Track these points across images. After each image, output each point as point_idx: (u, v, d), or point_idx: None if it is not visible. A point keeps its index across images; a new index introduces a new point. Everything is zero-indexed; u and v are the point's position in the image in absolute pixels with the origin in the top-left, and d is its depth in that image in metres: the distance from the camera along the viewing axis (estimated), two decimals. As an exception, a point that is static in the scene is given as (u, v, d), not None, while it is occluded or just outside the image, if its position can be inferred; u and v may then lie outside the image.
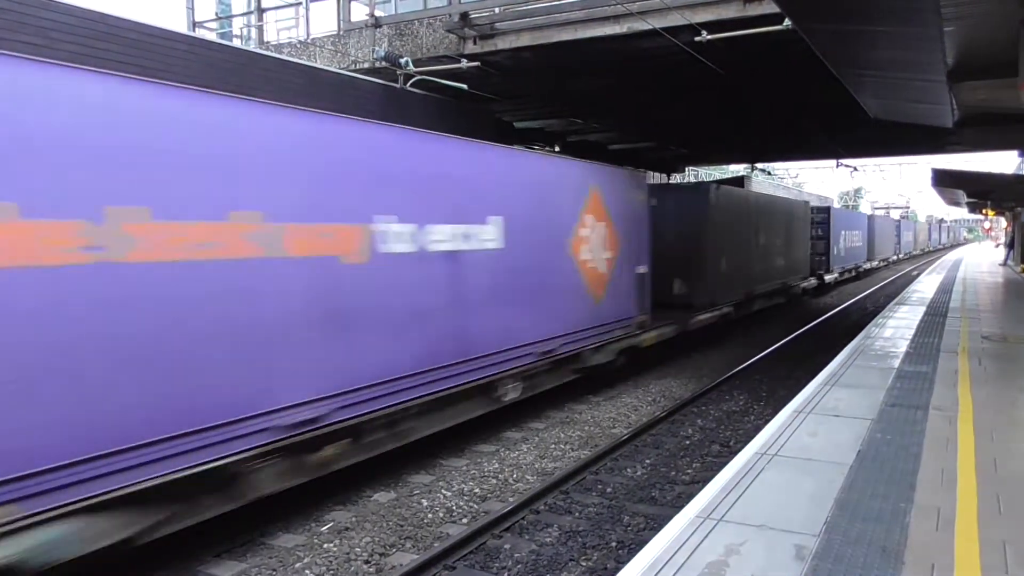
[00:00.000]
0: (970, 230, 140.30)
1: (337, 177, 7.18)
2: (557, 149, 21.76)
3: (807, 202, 29.54)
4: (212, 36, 17.06)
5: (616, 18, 12.14)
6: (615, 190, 12.68)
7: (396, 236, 7.83)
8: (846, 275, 34.78)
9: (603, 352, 12.23)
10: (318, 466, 7.01)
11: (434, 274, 8.45)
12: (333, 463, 7.16)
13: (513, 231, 9.81)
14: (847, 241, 34.77)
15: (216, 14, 19.60)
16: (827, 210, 31.35)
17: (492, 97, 15.81)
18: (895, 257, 56.83)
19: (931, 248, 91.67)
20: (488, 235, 9.41)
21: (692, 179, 40.68)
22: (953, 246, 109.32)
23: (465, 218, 8.96)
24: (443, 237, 8.57)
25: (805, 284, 26.64)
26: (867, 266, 41.80)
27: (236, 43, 16.66)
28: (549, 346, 10.64)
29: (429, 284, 8.35)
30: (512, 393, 10.00)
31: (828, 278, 30.14)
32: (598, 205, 12.06)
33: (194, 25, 17.19)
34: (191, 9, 17.10)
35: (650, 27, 11.58)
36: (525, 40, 13.10)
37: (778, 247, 22.84)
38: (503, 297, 9.65)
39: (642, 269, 13.58)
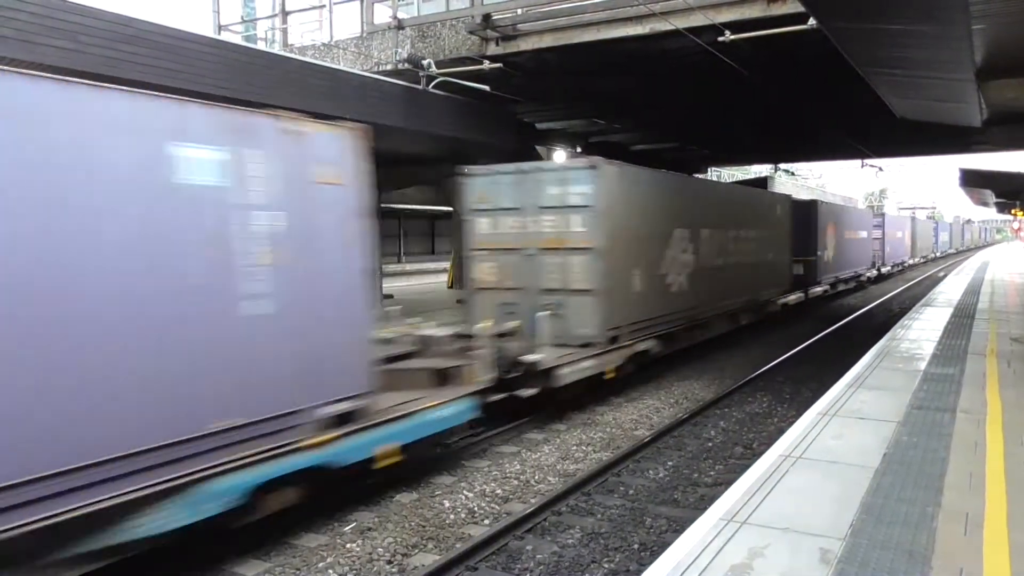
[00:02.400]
0: (999, 231, 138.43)
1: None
2: (579, 150, 21.73)
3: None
4: (237, 39, 17.25)
5: (639, 19, 12.11)
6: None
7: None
8: (895, 268, 42.64)
9: None
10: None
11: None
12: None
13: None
14: (894, 240, 41.99)
15: (241, 17, 19.81)
16: (882, 215, 41.19)
17: (514, 98, 15.83)
18: (934, 255, 63.99)
19: (963, 248, 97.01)
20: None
21: (714, 179, 40.49)
22: (981, 247, 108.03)
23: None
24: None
25: (869, 273, 34.30)
26: (911, 262, 48.63)
27: (261, 46, 16.83)
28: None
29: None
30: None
31: (884, 270, 38.86)
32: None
33: (220, 28, 17.39)
34: (217, 12, 17.31)
35: (673, 27, 11.53)
36: (548, 41, 13.10)
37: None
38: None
39: None
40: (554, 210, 11.53)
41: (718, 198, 17.43)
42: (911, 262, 48.65)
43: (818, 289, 24.83)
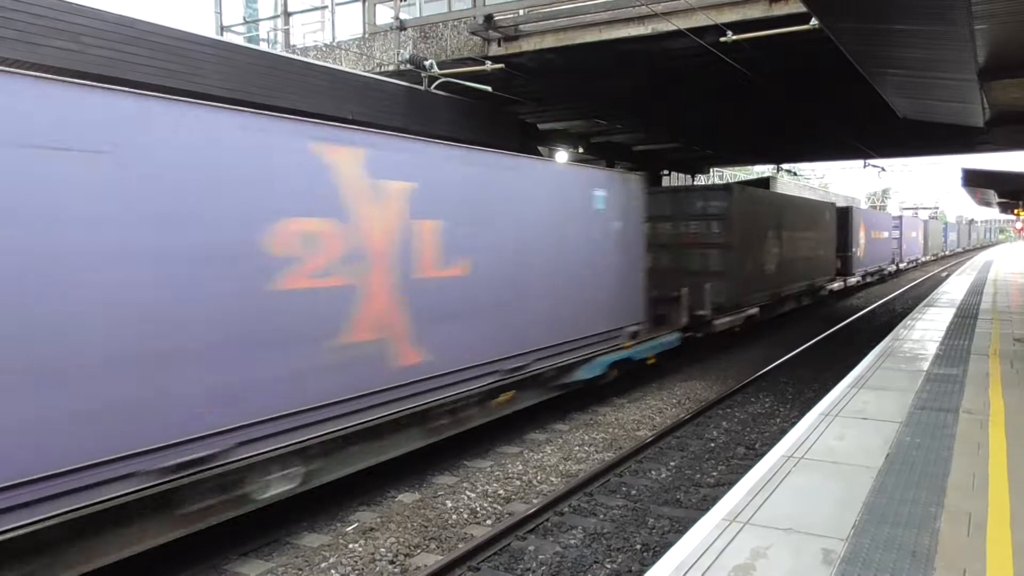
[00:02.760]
0: (1002, 231, 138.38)
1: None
2: (580, 150, 21.73)
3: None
4: (239, 40, 17.26)
5: (641, 19, 12.10)
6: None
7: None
8: (910, 264, 48.61)
9: None
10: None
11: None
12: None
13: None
14: (910, 239, 48.49)
15: (243, 18, 19.83)
16: (900, 217, 46.83)
17: (516, 99, 15.82)
18: (944, 252, 72.35)
19: (969, 247, 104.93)
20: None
21: (717, 180, 40.47)
22: (984, 247, 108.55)
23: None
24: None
25: (890, 268, 39.40)
26: (923, 259, 56.06)
27: (263, 47, 16.83)
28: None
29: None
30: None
31: (902, 266, 44.69)
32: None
33: (222, 29, 17.39)
34: (219, 13, 17.31)
35: (675, 28, 11.51)
36: (549, 42, 13.08)
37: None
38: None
39: None
40: (698, 218, 16.59)
41: (791, 206, 22.42)
42: (924, 259, 56.37)
43: (852, 279, 30.23)
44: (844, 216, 29.05)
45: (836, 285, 27.29)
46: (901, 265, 44.70)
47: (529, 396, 10.09)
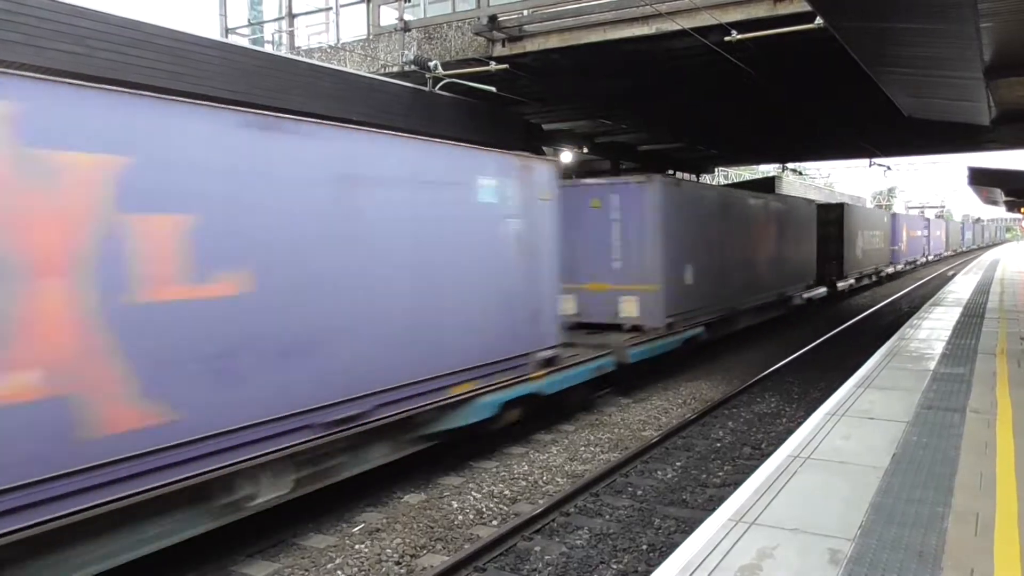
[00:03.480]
0: (1008, 229, 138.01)
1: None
2: (585, 151, 21.73)
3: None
4: (244, 42, 17.30)
5: (645, 19, 12.09)
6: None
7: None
8: (935, 258, 59.96)
9: None
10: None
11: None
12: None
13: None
14: (935, 237, 61.06)
15: (248, 20, 19.87)
16: (928, 220, 59.51)
17: (520, 99, 15.83)
18: (962, 248, 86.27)
19: (983, 244, 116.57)
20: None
21: (722, 179, 40.41)
22: (991, 245, 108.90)
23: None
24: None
25: (921, 260, 50.26)
26: (945, 253, 68.79)
27: (268, 48, 16.86)
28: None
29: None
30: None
31: (930, 258, 56.04)
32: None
33: (227, 31, 17.43)
34: (224, 16, 17.35)
35: (679, 28, 11.51)
36: (554, 42, 13.09)
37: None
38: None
39: None
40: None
41: (868, 216, 31.71)
42: (946, 253, 69.53)
43: (899, 266, 41.39)
44: (892, 218, 41.21)
45: (889, 270, 38.63)
46: (929, 257, 56.05)
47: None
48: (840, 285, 26.39)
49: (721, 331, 15.95)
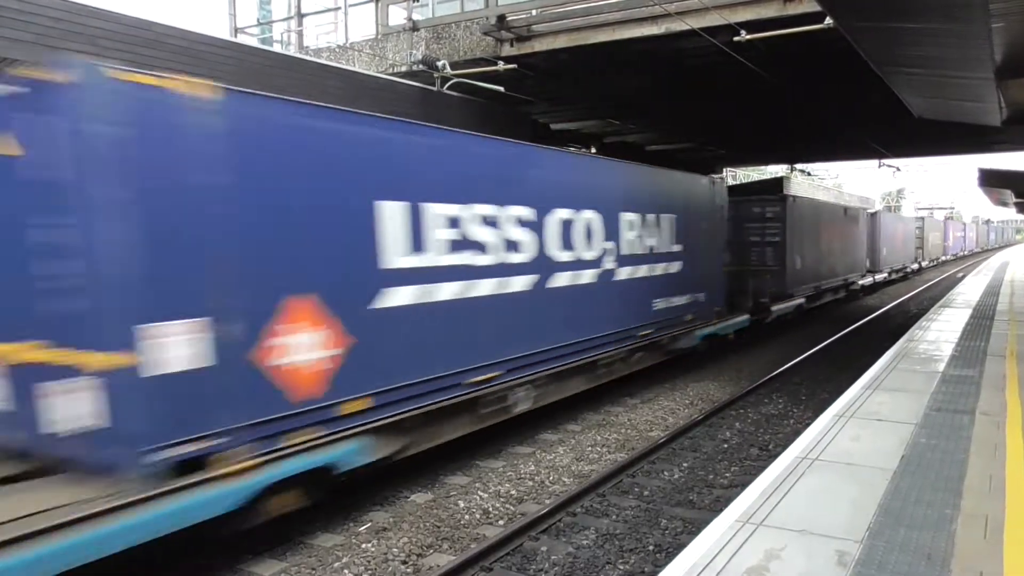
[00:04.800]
0: (1018, 231, 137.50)
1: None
2: (593, 150, 21.72)
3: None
4: (254, 41, 17.36)
5: (654, 19, 12.09)
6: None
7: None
8: (961, 254, 70.36)
9: None
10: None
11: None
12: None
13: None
14: (969, 237, 77.87)
15: (257, 20, 19.93)
16: (965, 224, 72.19)
17: (528, 99, 15.84)
18: (987, 247, 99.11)
19: (1002, 243, 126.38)
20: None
21: (731, 180, 40.31)
22: (1002, 247, 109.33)
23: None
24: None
25: (962, 253, 64.69)
26: (976, 249, 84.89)
27: (276, 48, 16.92)
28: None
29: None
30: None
31: (964, 253, 68.90)
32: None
33: (236, 31, 17.49)
34: (233, 15, 17.41)
35: (688, 27, 11.50)
36: (562, 42, 13.10)
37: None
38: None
39: None
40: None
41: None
42: (976, 249, 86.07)
43: (950, 256, 56.42)
44: (946, 223, 56.90)
45: (945, 257, 50.84)
46: (964, 252, 71.83)
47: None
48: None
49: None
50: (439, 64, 13.72)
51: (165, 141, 5.44)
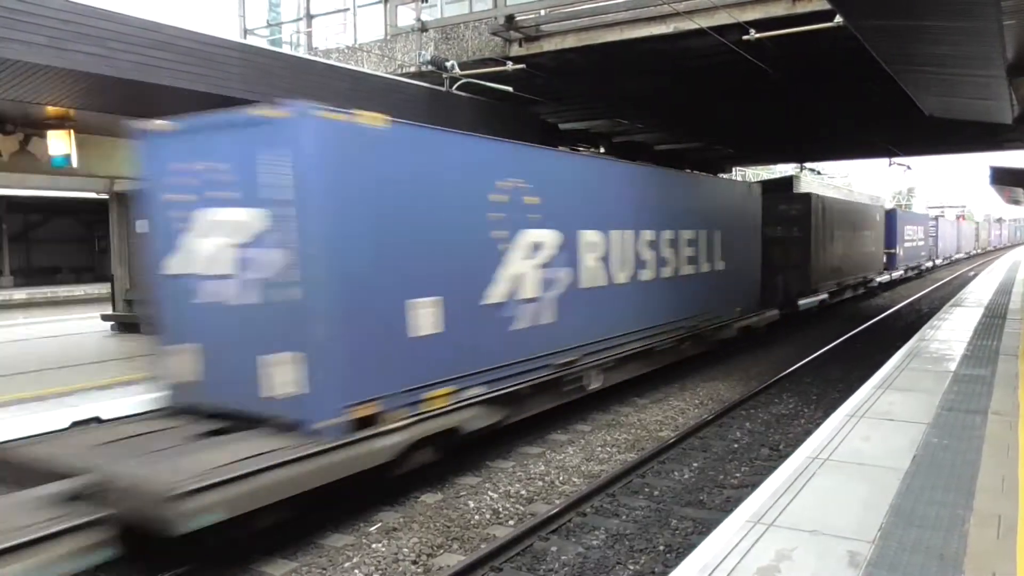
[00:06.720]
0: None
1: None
2: (602, 150, 21.69)
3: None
4: (263, 43, 17.41)
5: (662, 18, 12.06)
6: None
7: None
8: (979, 249, 76.96)
9: None
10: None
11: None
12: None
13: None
14: (1002, 234, 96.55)
15: (267, 21, 20.00)
16: (976, 223, 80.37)
17: (537, 99, 15.83)
18: (998, 245, 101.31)
19: (1016, 241, 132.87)
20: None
21: (739, 179, 40.17)
22: (1014, 245, 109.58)
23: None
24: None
25: (993, 247, 79.15)
26: (998, 244, 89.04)
27: (286, 49, 16.97)
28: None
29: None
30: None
31: (978, 251, 73.49)
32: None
33: (245, 32, 17.56)
34: (243, 17, 17.48)
35: (697, 26, 11.47)
36: (571, 41, 13.08)
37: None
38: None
39: None
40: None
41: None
42: (988, 247, 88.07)
43: (958, 256, 58.19)
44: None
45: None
46: (976, 251, 75.64)
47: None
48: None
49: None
50: (448, 64, 13.73)
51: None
